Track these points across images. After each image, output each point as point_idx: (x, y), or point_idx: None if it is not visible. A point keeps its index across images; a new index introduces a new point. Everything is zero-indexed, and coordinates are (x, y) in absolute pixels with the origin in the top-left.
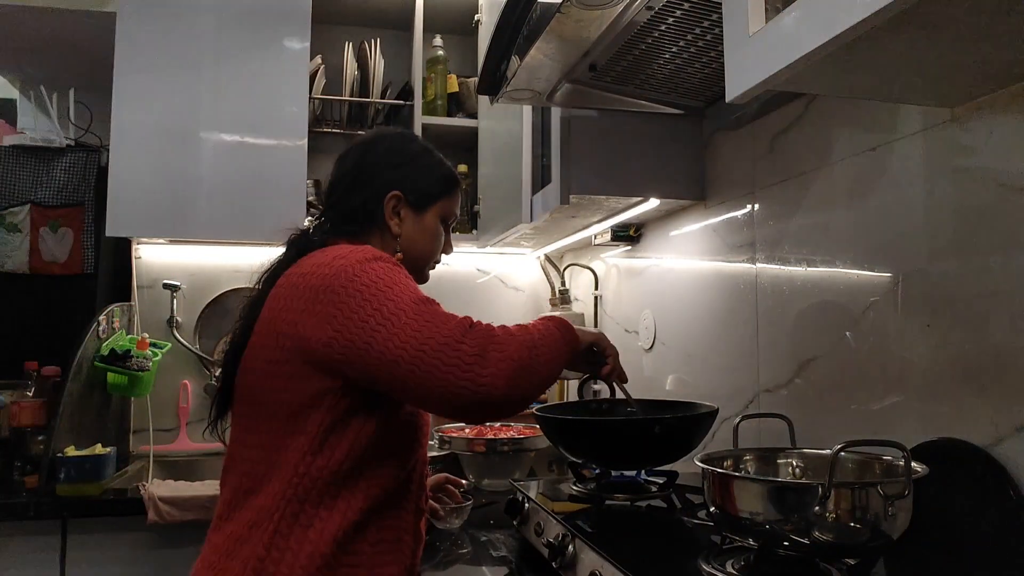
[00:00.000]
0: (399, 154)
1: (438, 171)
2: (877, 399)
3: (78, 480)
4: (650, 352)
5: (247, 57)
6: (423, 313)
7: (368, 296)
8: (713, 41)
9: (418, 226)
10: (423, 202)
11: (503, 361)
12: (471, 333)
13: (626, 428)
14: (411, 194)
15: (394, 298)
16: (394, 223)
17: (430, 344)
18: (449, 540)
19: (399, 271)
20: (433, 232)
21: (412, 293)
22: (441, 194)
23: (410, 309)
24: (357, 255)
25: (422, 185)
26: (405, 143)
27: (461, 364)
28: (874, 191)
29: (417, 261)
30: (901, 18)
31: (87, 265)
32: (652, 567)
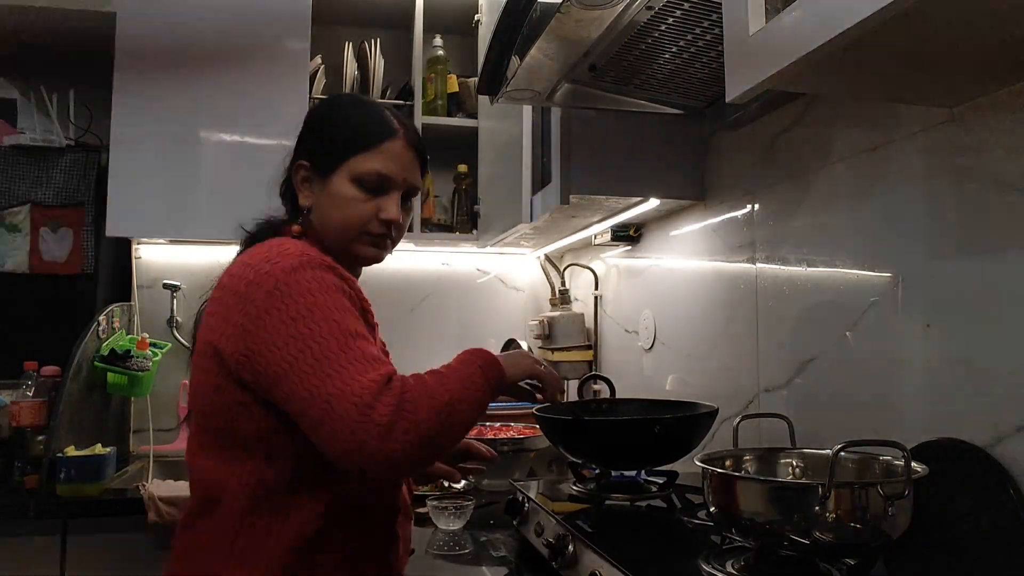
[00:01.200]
0: (317, 118)
1: (349, 125)
2: (877, 399)
3: (78, 480)
4: (650, 352)
5: (247, 57)
6: (341, 355)
7: (287, 318)
8: (713, 41)
9: (325, 195)
10: (327, 164)
11: (411, 432)
12: (385, 395)
13: (626, 428)
14: (317, 160)
15: (315, 326)
16: (303, 196)
17: (341, 401)
18: (449, 540)
19: (329, 285)
20: (343, 198)
21: (337, 321)
22: (347, 151)
23: (331, 345)
24: (286, 261)
25: (328, 147)
26: (329, 104)
27: (368, 430)
28: (874, 191)
29: (335, 237)
30: (901, 18)
31: (87, 265)
32: (652, 567)
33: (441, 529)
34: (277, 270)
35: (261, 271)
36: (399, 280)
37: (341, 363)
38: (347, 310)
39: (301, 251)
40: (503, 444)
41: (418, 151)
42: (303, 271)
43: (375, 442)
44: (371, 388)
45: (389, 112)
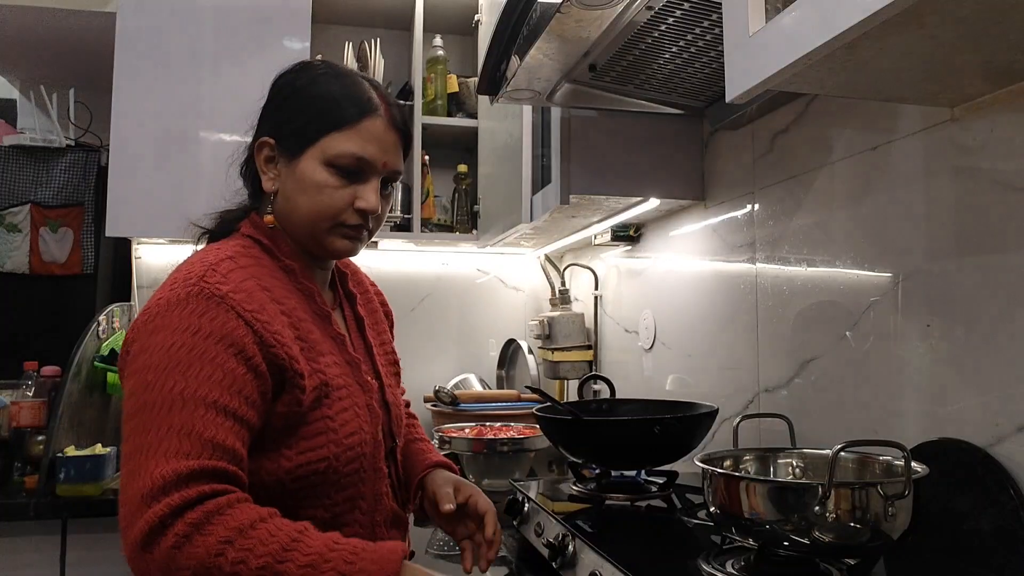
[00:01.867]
0: (281, 91)
1: (323, 101)
2: (877, 399)
3: (78, 480)
4: (650, 352)
5: (247, 57)
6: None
7: (140, 366)
8: (713, 41)
9: (293, 178)
10: (294, 145)
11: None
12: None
13: (626, 428)
14: (284, 137)
15: (152, 383)
16: (267, 178)
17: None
18: (449, 540)
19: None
20: (314, 184)
21: (175, 379)
22: (320, 128)
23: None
24: (175, 292)
25: (297, 124)
26: (297, 74)
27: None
28: (874, 191)
29: (300, 225)
30: (901, 18)
31: (87, 265)
32: (652, 567)
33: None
34: (161, 304)
35: (148, 306)
36: (399, 280)
37: (153, 439)
38: (207, 364)
39: (201, 274)
40: (503, 444)
41: (401, 131)
42: (183, 306)
43: (127, 544)
44: (158, 483)
45: (368, 83)
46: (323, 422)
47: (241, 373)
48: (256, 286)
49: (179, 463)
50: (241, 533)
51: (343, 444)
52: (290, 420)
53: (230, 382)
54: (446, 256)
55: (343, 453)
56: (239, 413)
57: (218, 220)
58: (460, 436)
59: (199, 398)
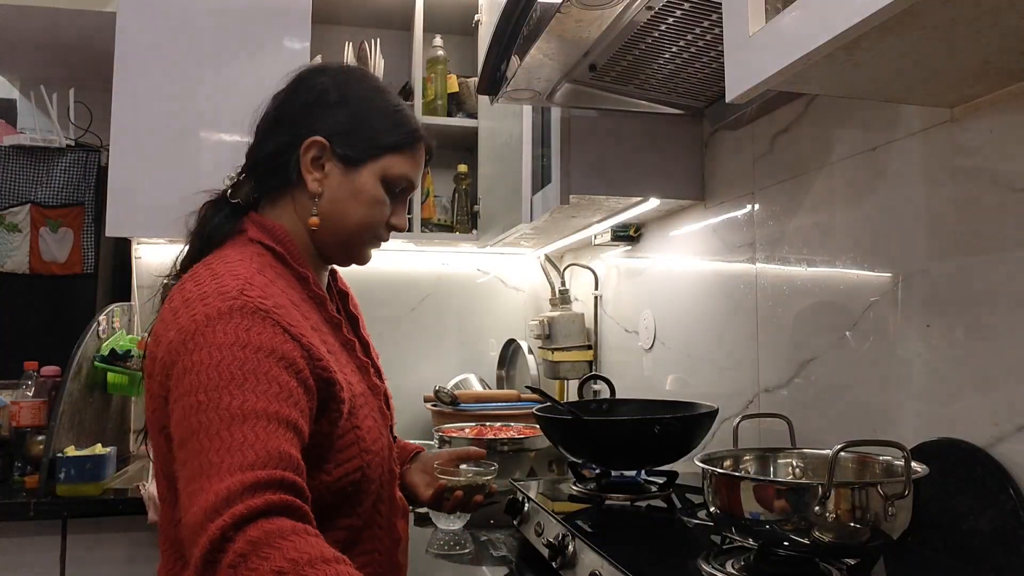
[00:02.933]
0: (335, 92)
1: (389, 118)
2: (877, 399)
3: (78, 480)
4: (650, 352)
5: (247, 57)
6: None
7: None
8: (713, 41)
9: (347, 186)
10: (358, 155)
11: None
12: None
13: (626, 428)
14: (342, 144)
15: (204, 402)
16: (312, 178)
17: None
18: (450, 540)
19: (252, 343)
20: (370, 197)
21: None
22: (389, 148)
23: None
24: (213, 305)
25: (361, 134)
26: (350, 80)
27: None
28: (874, 191)
29: (345, 234)
30: (901, 18)
31: (87, 265)
32: (652, 567)
33: (441, 529)
34: (199, 320)
35: (182, 325)
36: (399, 280)
37: (213, 458)
38: (262, 379)
39: (239, 288)
40: (503, 444)
41: (430, 156)
42: (225, 321)
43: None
44: (217, 499)
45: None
46: (354, 433)
47: (294, 387)
48: (288, 302)
49: (243, 475)
50: (296, 568)
51: (371, 451)
52: (329, 436)
53: (287, 395)
54: (446, 256)
55: (372, 460)
56: (298, 425)
57: (214, 225)
58: (460, 436)
59: (259, 411)
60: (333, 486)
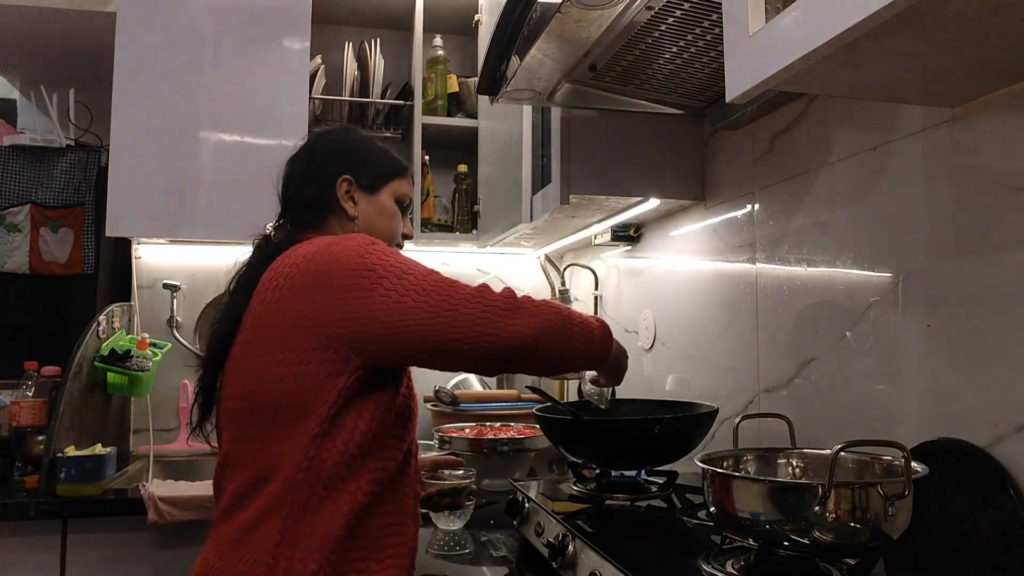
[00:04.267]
0: (343, 143)
1: (384, 155)
2: (877, 399)
3: (78, 480)
4: (650, 352)
5: (247, 57)
6: (442, 281)
7: (385, 273)
8: (713, 41)
9: (374, 206)
10: (375, 183)
11: (534, 317)
12: (502, 292)
13: (626, 428)
14: (362, 177)
15: (412, 271)
16: (349, 206)
17: (461, 302)
18: (450, 540)
19: (399, 252)
20: (390, 211)
21: (423, 266)
22: (392, 175)
23: (430, 278)
24: (356, 240)
25: (371, 167)
26: (347, 134)
27: (494, 312)
28: (874, 191)
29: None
30: (901, 18)
31: (87, 265)
32: (652, 567)
33: (441, 529)
34: (353, 245)
35: (335, 252)
36: None
37: (448, 283)
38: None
39: (364, 236)
40: (503, 444)
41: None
42: (377, 245)
43: (500, 320)
44: (484, 288)
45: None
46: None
47: None
48: None
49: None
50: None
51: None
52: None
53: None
54: (446, 256)
55: (411, 399)
56: None
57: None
58: (460, 436)
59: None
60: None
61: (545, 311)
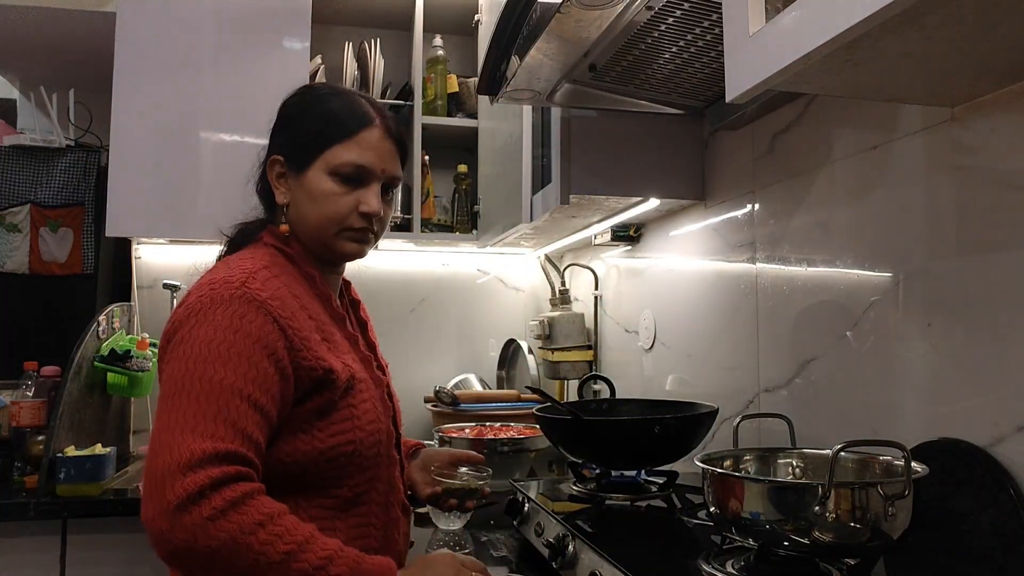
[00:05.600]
0: (291, 110)
1: (324, 118)
2: (877, 399)
3: (78, 480)
4: (650, 352)
5: (247, 57)
6: (198, 411)
7: (183, 356)
8: (713, 41)
9: (301, 189)
10: (301, 159)
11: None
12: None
13: (626, 428)
14: (291, 154)
15: (197, 371)
16: (279, 192)
17: (161, 455)
18: (449, 540)
19: (244, 329)
20: (320, 192)
21: (222, 373)
22: (322, 142)
23: (194, 398)
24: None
25: (302, 140)
26: (300, 96)
27: (154, 498)
28: (874, 191)
29: (310, 232)
30: (901, 18)
31: (87, 265)
32: (652, 567)
33: (441, 529)
34: (204, 301)
35: (188, 302)
36: (399, 280)
37: (187, 410)
38: (244, 361)
39: (243, 280)
40: (503, 444)
41: (396, 140)
42: (225, 307)
43: (153, 511)
44: (190, 459)
45: (364, 99)
46: (348, 410)
47: (271, 374)
48: (288, 294)
49: (216, 443)
50: (271, 520)
51: (365, 430)
52: (322, 408)
53: (262, 380)
54: (446, 256)
55: (366, 438)
56: (266, 409)
57: (239, 230)
58: (460, 436)
59: (235, 389)
60: (326, 452)
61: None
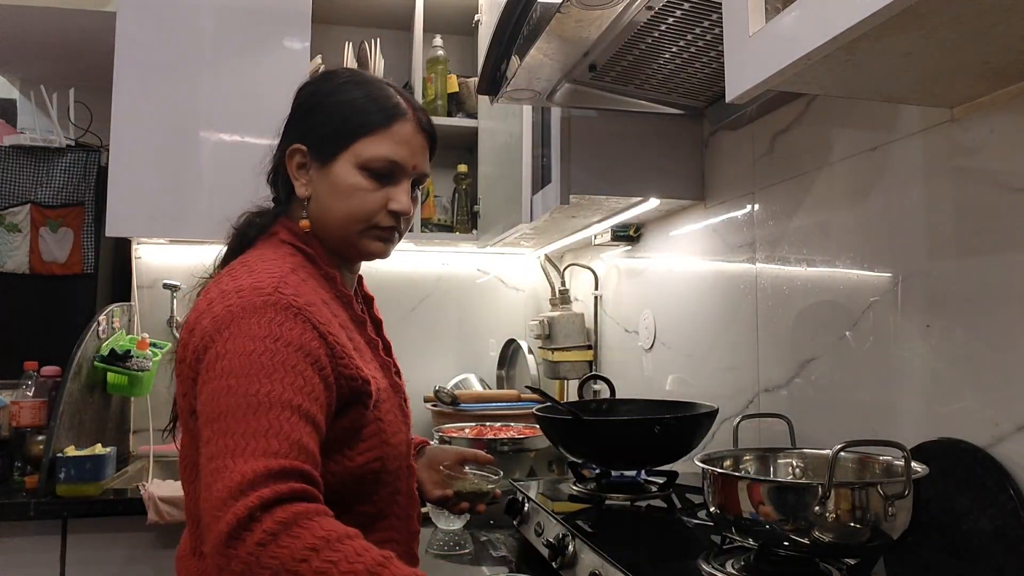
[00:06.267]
0: (312, 97)
1: (353, 106)
2: (877, 399)
3: (78, 480)
4: (650, 352)
5: (247, 57)
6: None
7: (221, 371)
8: (713, 41)
9: (326, 182)
10: (327, 150)
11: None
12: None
13: (626, 428)
14: (316, 144)
15: (234, 387)
16: (300, 184)
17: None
18: (449, 540)
19: (283, 337)
20: (347, 187)
21: (259, 382)
22: (353, 134)
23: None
24: (248, 299)
25: (329, 129)
26: (323, 82)
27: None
28: (874, 191)
29: (336, 230)
30: (901, 18)
31: (87, 265)
32: (652, 567)
33: (441, 529)
34: (235, 310)
35: (215, 314)
36: (399, 280)
37: (239, 439)
38: (289, 371)
39: (275, 286)
40: (503, 444)
41: (428, 133)
42: (260, 315)
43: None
44: (243, 480)
45: (394, 89)
46: (376, 424)
47: (316, 383)
48: (319, 300)
49: (268, 461)
50: (328, 544)
51: (391, 444)
52: (355, 422)
53: (310, 389)
54: (446, 256)
55: (391, 452)
56: (317, 420)
57: (249, 223)
58: (460, 436)
59: (284, 402)
60: (356, 472)
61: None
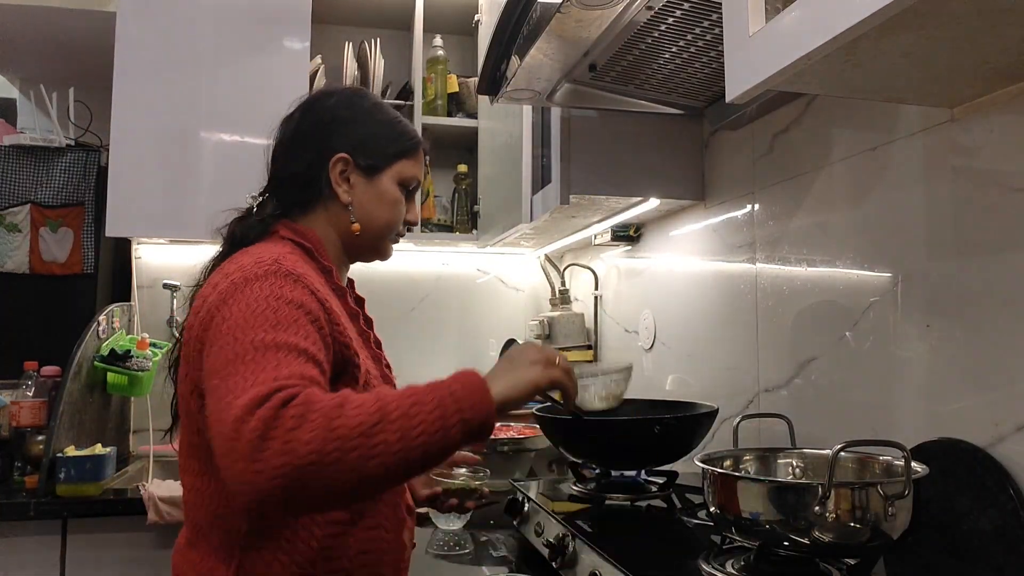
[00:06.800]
0: (347, 111)
1: (394, 129)
2: (877, 399)
3: (78, 480)
4: (650, 352)
5: (247, 57)
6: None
7: (227, 327)
8: (713, 41)
9: (372, 193)
10: (377, 164)
11: (283, 454)
12: (265, 407)
13: (626, 428)
14: (362, 157)
15: (242, 335)
16: (342, 191)
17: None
18: (449, 540)
19: (285, 296)
20: (392, 199)
21: (268, 333)
22: (398, 155)
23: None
24: (246, 272)
25: (375, 146)
26: (355, 99)
27: (236, 448)
28: (874, 191)
29: (376, 234)
30: (901, 18)
31: (87, 265)
32: (652, 567)
33: (441, 529)
34: (237, 280)
35: (221, 287)
36: (399, 280)
37: (244, 371)
38: (292, 324)
39: (275, 259)
40: (503, 444)
41: (427, 155)
42: (261, 281)
43: (240, 462)
44: (254, 398)
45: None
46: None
47: (318, 338)
48: (317, 281)
49: (276, 382)
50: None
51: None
52: None
53: (314, 339)
54: (446, 256)
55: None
56: (323, 365)
57: (248, 226)
58: None
59: (291, 345)
60: None
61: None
